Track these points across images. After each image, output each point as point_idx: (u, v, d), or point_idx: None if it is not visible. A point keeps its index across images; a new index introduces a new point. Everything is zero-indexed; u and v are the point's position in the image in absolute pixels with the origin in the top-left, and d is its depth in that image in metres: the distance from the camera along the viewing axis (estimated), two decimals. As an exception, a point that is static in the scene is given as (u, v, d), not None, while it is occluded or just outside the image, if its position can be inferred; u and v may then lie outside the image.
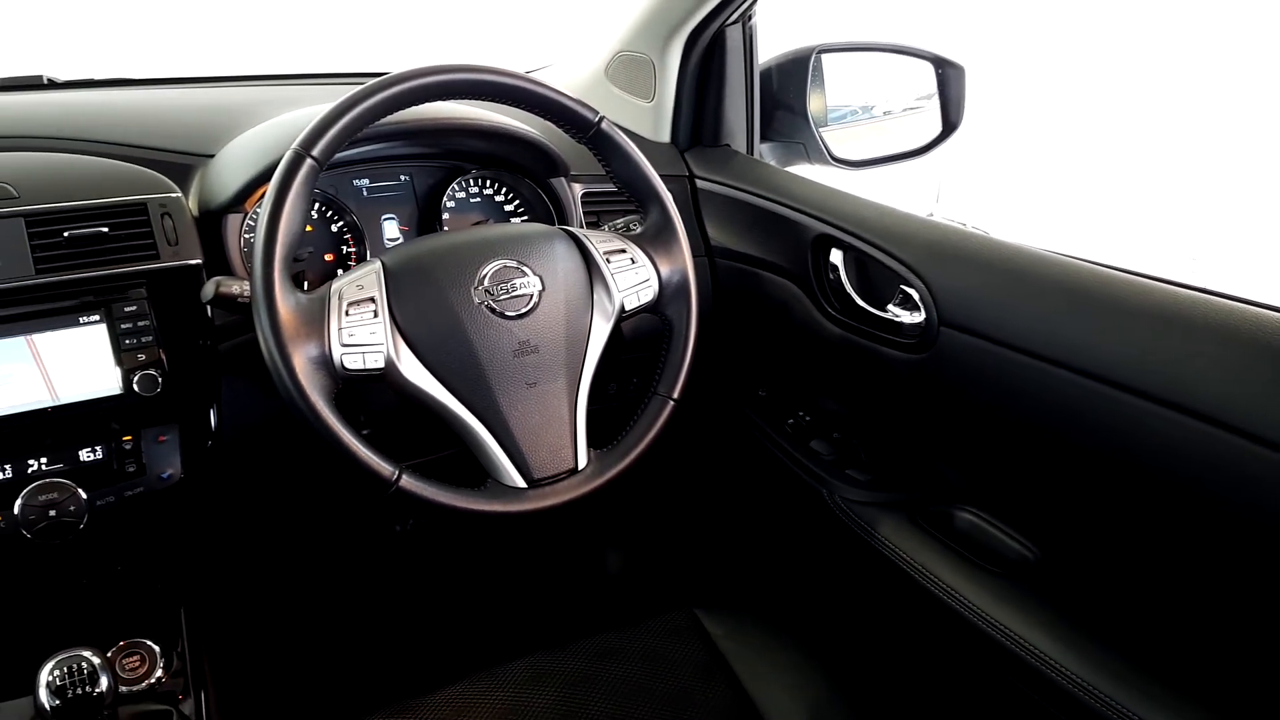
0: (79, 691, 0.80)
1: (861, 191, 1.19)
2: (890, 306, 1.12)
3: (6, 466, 0.89)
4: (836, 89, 1.44)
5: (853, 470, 1.23)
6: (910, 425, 1.15)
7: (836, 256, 1.19)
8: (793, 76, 1.41)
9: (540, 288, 0.94)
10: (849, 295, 1.18)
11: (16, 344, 0.89)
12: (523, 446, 0.90)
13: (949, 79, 1.43)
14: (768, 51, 1.41)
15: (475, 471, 0.91)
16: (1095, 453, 0.90)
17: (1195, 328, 0.81)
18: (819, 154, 1.41)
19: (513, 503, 0.89)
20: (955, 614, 1.02)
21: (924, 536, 1.10)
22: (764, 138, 1.44)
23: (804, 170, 1.39)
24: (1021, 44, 4.00)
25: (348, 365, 0.85)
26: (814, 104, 1.40)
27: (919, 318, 1.06)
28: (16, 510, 0.88)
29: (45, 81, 1.30)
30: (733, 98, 1.39)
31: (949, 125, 1.45)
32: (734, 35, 1.35)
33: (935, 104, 1.47)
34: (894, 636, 1.23)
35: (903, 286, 1.09)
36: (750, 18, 1.34)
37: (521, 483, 0.90)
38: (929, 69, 1.44)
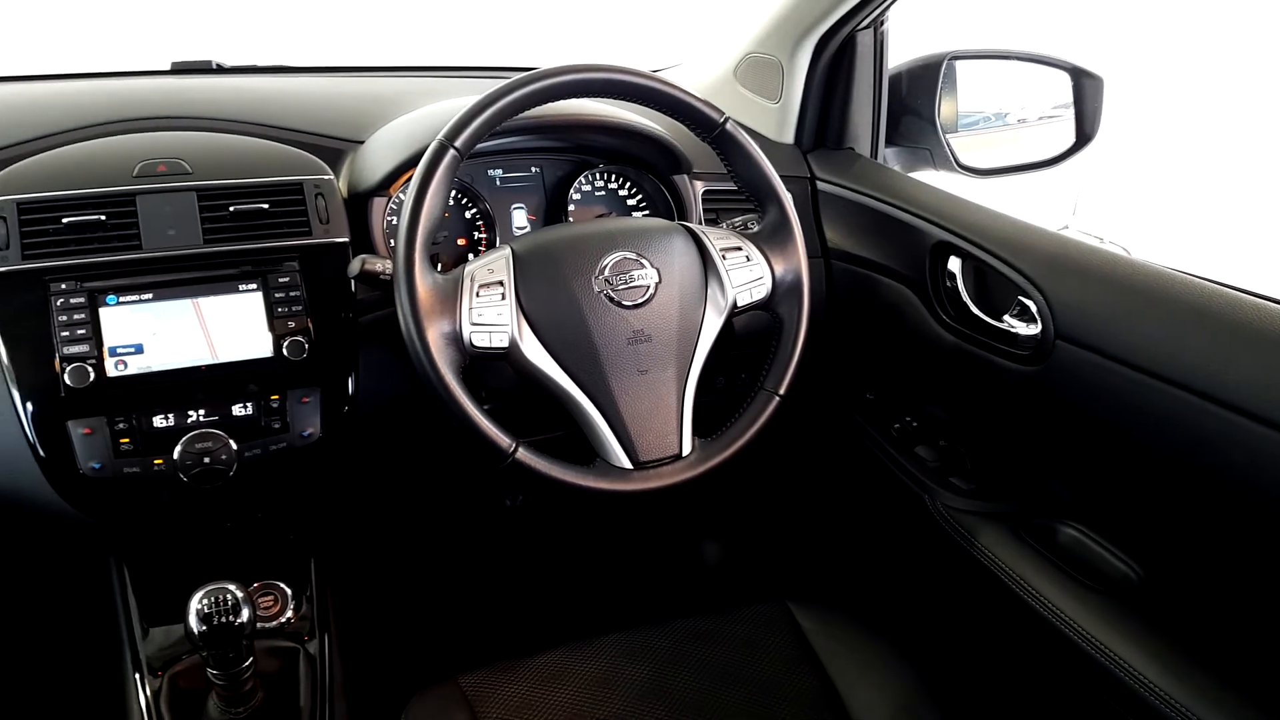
0: (223, 620, 0.87)
1: (990, 200, 1.18)
2: (1006, 317, 1.12)
3: (169, 415, 0.97)
4: (968, 96, 1.42)
5: (956, 478, 1.23)
6: (1019, 437, 1.14)
7: (954, 264, 1.18)
8: (922, 82, 1.40)
9: (657, 280, 0.98)
10: (965, 303, 1.18)
11: (184, 306, 0.98)
12: (631, 430, 0.95)
13: (1085, 90, 1.40)
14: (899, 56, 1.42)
15: (584, 452, 0.96)
16: (1212, 477, 0.88)
17: None
18: (945, 161, 1.40)
19: (618, 482, 0.94)
20: (1052, 628, 1.02)
21: (1025, 549, 1.10)
22: (889, 142, 1.44)
23: (928, 177, 1.39)
24: (1195, 50, 3.75)
25: (476, 343, 0.91)
26: (943, 110, 1.39)
27: (1034, 330, 1.05)
28: (176, 455, 0.96)
29: (214, 67, 1.40)
30: (859, 102, 1.39)
31: (1083, 137, 1.41)
32: (865, 40, 1.35)
33: (1071, 114, 1.44)
34: (987, 645, 1.23)
35: (1020, 298, 1.08)
36: (882, 23, 1.34)
37: (628, 464, 0.94)
38: (1065, 79, 1.41)
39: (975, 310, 1.16)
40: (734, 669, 1.03)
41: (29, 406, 0.93)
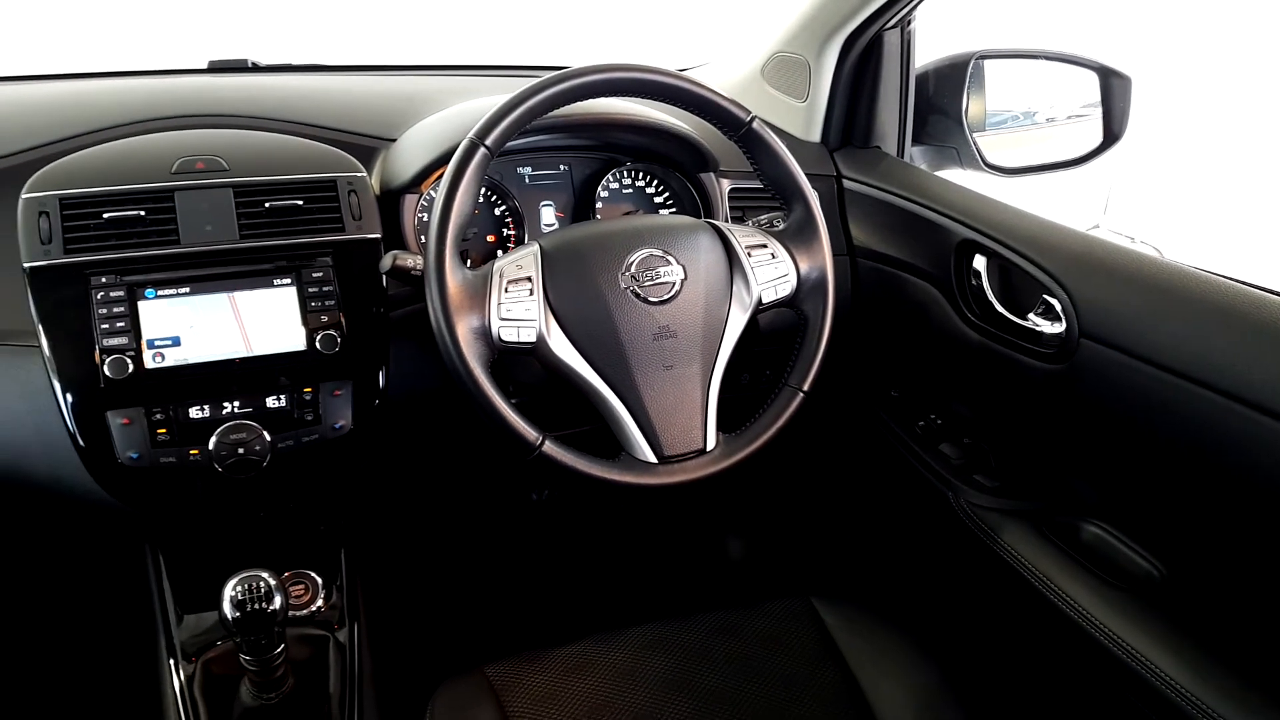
0: (256, 607, 0.89)
1: (1019, 198, 1.18)
2: (1031, 315, 1.12)
3: (205, 407, 0.99)
4: (995, 95, 1.42)
5: (981, 476, 1.23)
6: (1043, 435, 1.14)
7: (980, 262, 1.18)
8: (949, 81, 1.40)
9: (683, 276, 0.99)
10: (990, 301, 1.18)
11: (220, 300, 1.00)
12: (656, 424, 0.96)
13: (1113, 89, 1.39)
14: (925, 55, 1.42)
15: (610, 446, 0.97)
16: (1236, 477, 0.88)
17: None
18: (971, 160, 1.40)
19: (643, 475, 0.95)
20: (1075, 625, 1.02)
21: (1048, 546, 1.10)
22: (916, 141, 1.44)
23: (955, 176, 1.39)
24: (1232, 49, 3.68)
25: (504, 337, 0.92)
26: (970, 109, 1.39)
27: (1059, 328, 1.05)
28: (211, 446, 0.98)
29: (250, 65, 1.42)
30: (886, 100, 1.39)
31: (1110, 136, 1.41)
32: (891, 39, 1.35)
33: (1099, 113, 1.43)
34: (1010, 642, 1.23)
35: (1045, 296, 1.08)
36: (909, 22, 1.35)
37: (652, 458, 0.95)
38: (1093, 78, 1.41)
39: (1000, 308, 1.17)
40: (757, 663, 1.04)
41: (69, 397, 0.95)
